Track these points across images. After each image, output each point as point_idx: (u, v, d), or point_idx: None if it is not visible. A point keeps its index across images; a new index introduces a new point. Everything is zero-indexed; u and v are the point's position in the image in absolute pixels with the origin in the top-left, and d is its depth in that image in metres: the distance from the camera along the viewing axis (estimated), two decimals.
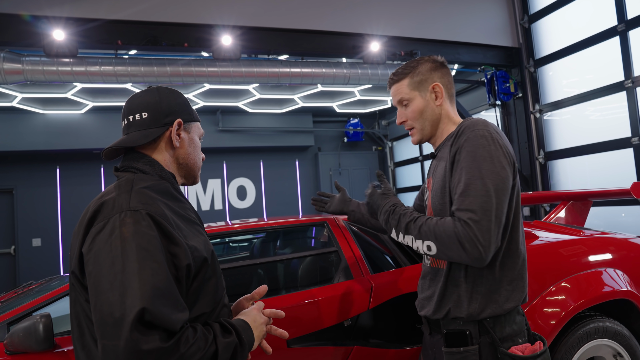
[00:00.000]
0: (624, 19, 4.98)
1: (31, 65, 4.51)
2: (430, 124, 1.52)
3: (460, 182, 1.32)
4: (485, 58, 6.31)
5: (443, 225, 1.31)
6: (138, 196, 1.09)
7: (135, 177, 1.17)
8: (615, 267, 2.41)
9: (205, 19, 4.95)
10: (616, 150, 5.19)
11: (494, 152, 1.32)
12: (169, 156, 1.24)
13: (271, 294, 2.61)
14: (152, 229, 1.03)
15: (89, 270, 1.02)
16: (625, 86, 5.00)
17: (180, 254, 1.06)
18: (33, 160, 7.33)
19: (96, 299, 0.98)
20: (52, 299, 1.88)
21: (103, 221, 1.05)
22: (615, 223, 5.32)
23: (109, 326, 0.94)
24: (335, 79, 5.56)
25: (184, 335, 0.99)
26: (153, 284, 0.97)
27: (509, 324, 1.36)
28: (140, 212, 1.04)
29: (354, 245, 2.28)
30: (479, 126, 1.36)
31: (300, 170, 9.01)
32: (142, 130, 1.21)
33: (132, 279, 0.96)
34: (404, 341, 2.14)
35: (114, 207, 1.06)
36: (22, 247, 7.17)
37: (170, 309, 0.97)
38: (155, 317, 0.94)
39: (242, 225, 2.56)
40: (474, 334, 1.36)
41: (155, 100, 1.23)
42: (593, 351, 2.27)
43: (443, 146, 1.50)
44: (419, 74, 1.51)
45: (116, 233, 1.01)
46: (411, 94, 1.52)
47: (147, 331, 0.93)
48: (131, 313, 0.92)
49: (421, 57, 1.56)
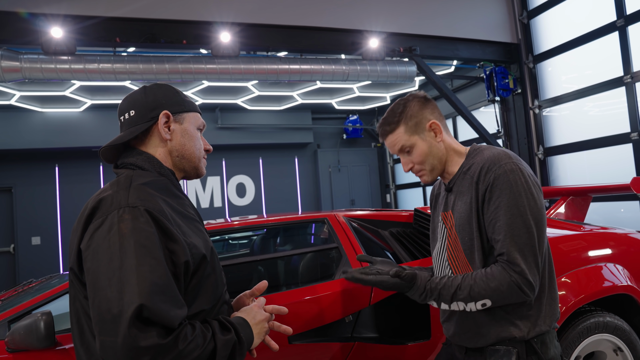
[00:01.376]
0: (623, 14, 4.98)
1: (29, 63, 4.50)
2: (439, 161, 1.48)
3: (500, 222, 1.31)
4: (484, 54, 6.31)
5: (495, 278, 1.30)
6: (136, 192, 1.08)
7: (134, 174, 1.16)
8: (615, 262, 2.41)
9: (204, 16, 4.93)
10: (615, 146, 5.19)
11: (526, 185, 1.32)
12: (163, 150, 1.23)
13: (272, 290, 2.61)
14: (150, 226, 1.03)
15: (87, 266, 1.02)
16: (625, 81, 5.00)
17: (179, 250, 1.05)
18: (32, 158, 7.32)
19: (94, 295, 0.98)
20: (53, 296, 1.88)
21: (101, 217, 1.04)
22: (615, 218, 5.33)
23: (107, 322, 0.94)
24: (334, 75, 5.55)
25: (182, 332, 0.98)
26: (151, 280, 0.97)
27: (552, 346, 1.37)
28: (139, 209, 1.04)
29: (354, 242, 2.28)
30: (504, 160, 1.35)
31: (300, 167, 9.00)
32: (130, 128, 1.21)
33: (130, 275, 0.96)
34: (405, 337, 2.15)
35: (113, 203, 1.06)
36: (22, 246, 7.16)
37: (169, 306, 0.97)
38: (153, 314, 0.94)
39: (242, 222, 2.56)
40: (521, 354, 1.34)
41: (141, 97, 1.24)
42: (593, 346, 2.27)
43: (458, 179, 1.46)
44: (412, 118, 1.47)
45: (114, 229, 1.01)
46: (411, 139, 1.47)
47: (145, 327, 0.93)
48: (129, 309, 0.92)
49: (404, 99, 1.52)
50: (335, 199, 8.97)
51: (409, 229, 2.55)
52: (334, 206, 8.92)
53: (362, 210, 2.72)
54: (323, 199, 8.92)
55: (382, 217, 2.61)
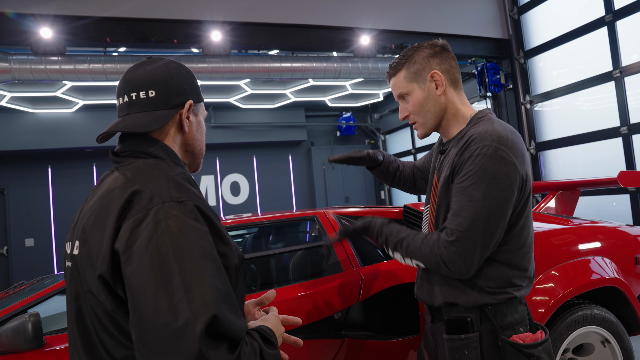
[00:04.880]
0: (611, 9, 5.00)
1: (18, 64, 4.48)
2: (434, 116, 1.43)
3: (456, 198, 1.32)
4: (475, 50, 6.32)
5: (428, 245, 1.33)
6: (176, 185, 0.92)
7: (158, 163, 0.99)
8: (604, 255, 2.44)
9: (195, 15, 4.92)
10: (606, 140, 5.23)
11: (495, 173, 1.27)
12: (178, 142, 1.08)
13: (263, 288, 2.62)
14: (202, 224, 0.88)
15: (131, 270, 0.83)
16: (614, 76, 5.03)
17: (229, 253, 0.92)
18: (24, 159, 7.29)
19: (144, 306, 0.79)
20: (42, 298, 1.88)
21: (141, 212, 0.87)
22: (607, 212, 5.37)
23: (166, 339, 0.76)
24: (325, 73, 5.55)
25: (244, 345, 0.85)
26: (216, 287, 0.82)
27: (510, 313, 1.36)
28: (187, 204, 0.89)
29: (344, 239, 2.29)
30: (487, 141, 1.29)
31: (294, 165, 9.00)
32: (149, 112, 1.02)
33: (193, 281, 0.80)
34: (394, 333, 2.16)
35: (154, 196, 0.88)
36: (15, 248, 7.13)
37: (234, 316, 0.83)
38: (223, 326, 0.80)
39: (234, 220, 2.56)
40: (475, 322, 1.36)
41: (165, 76, 1.04)
42: (582, 338, 2.30)
43: (453, 145, 1.42)
44: (415, 63, 1.41)
45: (162, 227, 0.84)
46: (409, 86, 1.42)
47: (215, 342, 0.79)
48: (199, 321, 0.77)
49: (419, 44, 1.45)
50: (329, 196, 8.99)
51: None
52: (328, 203, 8.93)
53: (352, 208, 2.73)
54: (317, 197, 8.93)
55: (372, 214, 2.62)
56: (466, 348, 1.35)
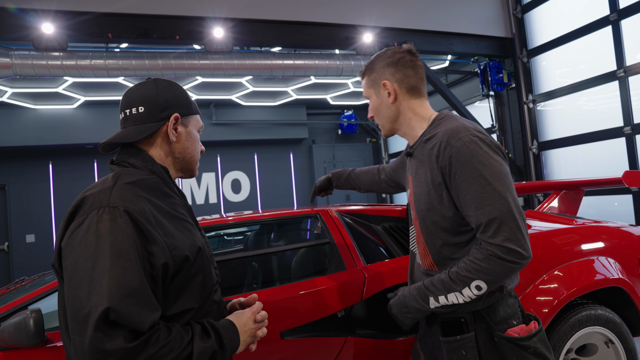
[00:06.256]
0: (616, 8, 4.98)
1: (20, 60, 4.46)
2: (388, 120, 1.50)
3: (468, 195, 1.28)
4: (478, 49, 6.31)
5: (473, 255, 1.29)
6: (119, 192, 1.08)
7: (122, 172, 1.15)
8: (607, 255, 2.42)
9: (197, 11, 4.91)
10: (609, 140, 5.21)
11: (486, 153, 1.29)
12: (164, 151, 1.23)
13: (265, 286, 2.61)
14: (128, 227, 1.02)
15: (65, 264, 1.03)
16: (618, 76, 5.01)
17: (158, 252, 1.05)
18: (25, 155, 7.28)
19: (69, 293, 0.99)
20: (43, 294, 1.87)
21: (82, 216, 1.05)
22: (609, 212, 5.36)
23: (78, 322, 0.95)
24: (328, 70, 5.54)
25: (153, 336, 0.98)
26: (122, 283, 0.96)
27: (502, 308, 1.37)
28: (118, 209, 1.04)
29: (346, 237, 2.28)
30: (462, 133, 1.31)
31: (295, 162, 8.99)
32: (138, 125, 1.19)
33: (101, 276, 0.96)
34: (397, 331, 2.15)
35: (94, 202, 1.06)
36: (16, 244, 7.13)
37: (139, 309, 0.97)
38: (120, 317, 0.94)
39: (235, 218, 2.55)
40: (469, 321, 1.37)
41: (152, 93, 1.21)
42: (585, 338, 2.29)
43: (419, 147, 1.45)
44: (373, 72, 1.49)
45: (92, 229, 1.01)
46: (368, 92, 1.52)
47: (111, 331, 0.93)
48: (96, 311, 0.93)
49: (384, 51, 1.50)
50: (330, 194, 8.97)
51: (401, 223, 2.55)
52: (329, 201, 8.92)
53: (355, 205, 2.72)
54: None
55: (374, 212, 2.61)
56: (463, 348, 1.37)
